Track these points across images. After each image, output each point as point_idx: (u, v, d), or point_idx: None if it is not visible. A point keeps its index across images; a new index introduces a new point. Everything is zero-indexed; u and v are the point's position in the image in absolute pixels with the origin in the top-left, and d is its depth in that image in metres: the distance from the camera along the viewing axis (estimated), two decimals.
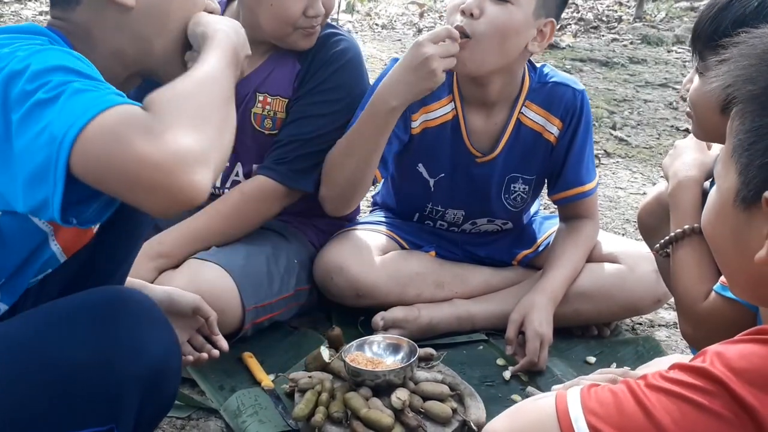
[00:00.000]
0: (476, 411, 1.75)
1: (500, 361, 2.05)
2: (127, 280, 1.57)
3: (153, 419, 1.40)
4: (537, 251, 2.29)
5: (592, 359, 2.11)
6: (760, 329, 0.91)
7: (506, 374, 1.98)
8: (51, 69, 1.12)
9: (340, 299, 2.14)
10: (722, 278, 1.55)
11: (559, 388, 1.10)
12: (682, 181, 1.70)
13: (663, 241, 1.70)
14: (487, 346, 2.13)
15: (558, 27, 2.09)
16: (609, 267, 2.18)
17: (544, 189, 2.33)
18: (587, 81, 5.01)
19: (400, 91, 1.91)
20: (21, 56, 1.15)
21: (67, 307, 1.27)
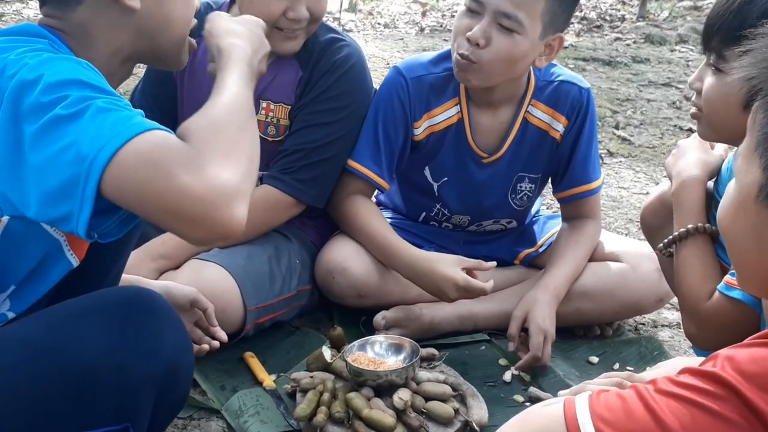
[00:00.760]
0: (478, 411, 1.74)
1: (503, 362, 2.05)
2: (123, 276, 1.57)
3: (166, 418, 1.41)
4: (539, 250, 2.28)
5: (594, 359, 2.11)
6: None
7: (506, 376, 1.98)
8: (66, 82, 1.14)
9: (341, 299, 2.13)
10: (726, 278, 1.54)
11: (565, 393, 1.10)
12: (686, 181, 1.70)
13: (666, 240, 1.69)
14: (489, 346, 2.12)
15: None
16: (611, 266, 2.17)
17: (547, 188, 2.33)
18: (590, 80, 4.97)
19: None
20: (32, 65, 1.16)
21: (82, 307, 1.28)
